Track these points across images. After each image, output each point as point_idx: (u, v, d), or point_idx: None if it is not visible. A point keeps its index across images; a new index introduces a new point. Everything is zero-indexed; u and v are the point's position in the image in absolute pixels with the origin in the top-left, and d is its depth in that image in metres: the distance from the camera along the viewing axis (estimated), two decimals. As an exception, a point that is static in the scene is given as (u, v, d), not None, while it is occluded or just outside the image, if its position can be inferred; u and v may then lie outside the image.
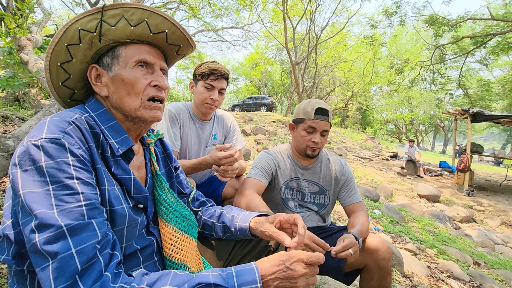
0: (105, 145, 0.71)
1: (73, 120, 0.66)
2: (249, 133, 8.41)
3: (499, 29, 9.59)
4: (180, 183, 1.02)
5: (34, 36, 4.33)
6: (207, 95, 1.61)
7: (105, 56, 0.76)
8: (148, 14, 0.73)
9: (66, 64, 0.74)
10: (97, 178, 0.67)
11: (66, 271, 0.53)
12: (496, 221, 5.69)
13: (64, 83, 0.77)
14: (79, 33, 0.70)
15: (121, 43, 0.75)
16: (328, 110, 1.44)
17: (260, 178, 1.41)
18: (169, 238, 0.82)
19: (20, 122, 3.30)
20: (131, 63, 0.74)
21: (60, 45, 0.71)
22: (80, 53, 0.73)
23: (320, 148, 1.46)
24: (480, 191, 8.45)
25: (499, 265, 3.25)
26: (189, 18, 15.50)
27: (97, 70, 0.76)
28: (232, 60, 37.31)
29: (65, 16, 17.91)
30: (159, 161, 0.94)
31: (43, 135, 0.60)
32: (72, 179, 0.59)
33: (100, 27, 0.71)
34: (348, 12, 17.53)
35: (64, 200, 0.57)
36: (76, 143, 0.63)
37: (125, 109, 0.75)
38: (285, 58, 25.52)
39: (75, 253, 0.54)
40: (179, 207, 0.89)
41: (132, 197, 0.75)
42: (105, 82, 0.75)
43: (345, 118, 29.75)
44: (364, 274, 1.30)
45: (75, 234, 0.55)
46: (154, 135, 0.93)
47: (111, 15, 0.71)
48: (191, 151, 1.73)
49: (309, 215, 1.52)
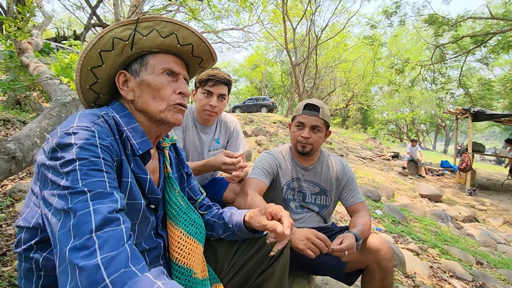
0: (127, 143, 0.75)
1: (102, 114, 0.72)
2: (250, 134, 8.41)
3: (499, 28, 9.58)
4: (191, 189, 1.04)
5: (35, 40, 4.35)
6: (205, 102, 1.60)
7: (133, 63, 0.81)
8: (178, 28, 0.80)
9: (96, 69, 0.79)
10: (121, 169, 0.71)
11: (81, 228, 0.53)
12: (498, 221, 5.66)
13: (91, 87, 0.82)
14: (113, 41, 0.76)
15: (150, 51, 0.81)
16: (319, 106, 1.43)
17: (261, 178, 1.41)
18: (177, 242, 0.83)
19: (22, 125, 3.31)
20: (158, 70, 0.80)
21: (93, 51, 0.76)
22: (110, 59, 0.79)
23: (311, 144, 1.44)
24: (482, 191, 8.41)
25: (502, 265, 3.23)
26: (189, 20, 15.54)
27: (125, 75, 0.81)
28: (232, 62, 37.33)
29: (66, 19, 17.99)
30: (172, 165, 0.96)
31: (75, 124, 0.65)
32: (99, 158, 0.63)
33: (133, 37, 0.77)
34: (348, 13, 17.56)
35: (89, 174, 0.60)
36: (105, 132, 0.68)
37: (150, 111, 0.79)
38: (286, 59, 25.55)
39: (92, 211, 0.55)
40: (189, 210, 0.90)
41: (146, 196, 0.78)
42: (131, 87, 0.80)
43: (346, 119, 29.72)
44: (365, 274, 1.29)
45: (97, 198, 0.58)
46: (169, 139, 0.96)
47: (144, 26, 0.77)
48: (193, 155, 1.73)
49: (310, 216, 1.52)
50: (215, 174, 1.95)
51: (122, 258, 0.53)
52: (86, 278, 0.49)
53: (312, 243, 1.10)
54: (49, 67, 3.79)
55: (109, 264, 0.51)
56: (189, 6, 13.76)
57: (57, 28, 11.51)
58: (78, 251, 0.51)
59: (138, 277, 0.52)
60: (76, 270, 0.50)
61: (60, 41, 9.93)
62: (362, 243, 1.27)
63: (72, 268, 0.50)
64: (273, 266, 0.98)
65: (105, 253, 0.52)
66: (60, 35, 10.35)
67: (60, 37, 10.27)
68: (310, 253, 1.09)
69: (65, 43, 7.93)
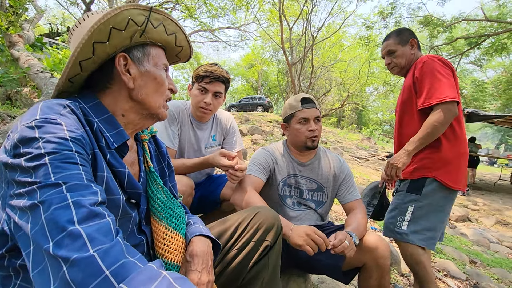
0: (99, 135, 0.70)
1: (67, 104, 0.65)
2: (246, 133, 8.38)
3: (492, 30, 9.70)
4: (174, 187, 1.01)
5: (26, 33, 4.25)
6: (200, 98, 1.57)
7: (135, 49, 0.77)
8: (178, 30, 0.82)
9: (98, 44, 0.72)
10: (95, 163, 0.65)
11: (60, 222, 0.48)
12: (491, 220, 5.73)
13: (82, 61, 0.75)
14: (128, 22, 0.72)
15: (153, 43, 0.80)
16: (312, 98, 1.45)
17: (258, 174, 1.39)
18: (162, 238, 0.79)
19: (12, 121, 3.24)
20: (161, 65, 0.81)
21: (105, 25, 0.69)
22: (117, 39, 0.73)
23: (318, 136, 1.45)
24: (475, 191, 8.52)
25: (495, 264, 3.25)
26: (185, 18, 15.43)
27: (126, 59, 0.75)
28: (228, 61, 37.31)
29: (60, 15, 17.73)
30: (153, 158, 0.92)
31: (37, 117, 0.58)
32: (71, 151, 0.56)
33: (146, 24, 0.75)
34: (344, 13, 17.62)
35: (62, 167, 0.53)
36: (73, 124, 0.61)
37: (150, 105, 0.78)
38: (282, 59, 25.53)
39: (72, 204, 0.49)
40: (173, 204, 0.86)
41: (126, 191, 0.73)
42: (134, 75, 0.76)
43: (341, 119, 29.87)
44: (362, 273, 1.28)
45: (74, 190, 0.52)
46: (148, 131, 0.91)
47: (155, 17, 0.76)
48: (189, 151, 1.70)
49: (307, 214, 1.50)
50: (212, 171, 1.92)
51: (117, 250, 0.49)
52: (81, 271, 0.44)
53: (311, 240, 1.08)
54: (41, 62, 3.71)
55: (105, 256, 0.47)
56: (185, 4, 13.68)
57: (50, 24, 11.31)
58: (65, 246, 0.46)
59: (142, 267, 0.49)
60: (64, 267, 0.45)
61: (54, 37, 9.76)
62: (359, 241, 1.25)
63: (57, 265, 0.45)
64: (267, 256, 0.95)
65: (97, 246, 0.47)
66: (53, 31, 10.17)
67: (53, 33, 10.09)
68: (309, 249, 1.07)
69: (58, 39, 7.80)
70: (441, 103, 1.45)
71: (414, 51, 1.72)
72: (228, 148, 1.82)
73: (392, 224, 1.64)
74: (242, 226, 0.97)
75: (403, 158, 1.53)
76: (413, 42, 1.72)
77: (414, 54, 1.71)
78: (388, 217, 1.69)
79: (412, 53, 1.71)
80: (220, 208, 1.69)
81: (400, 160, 1.53)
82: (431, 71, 1.51)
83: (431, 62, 1.53)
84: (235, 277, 0.95)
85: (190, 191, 1.48)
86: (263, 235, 0.95)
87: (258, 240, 0.95)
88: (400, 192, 1.66)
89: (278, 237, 0.99)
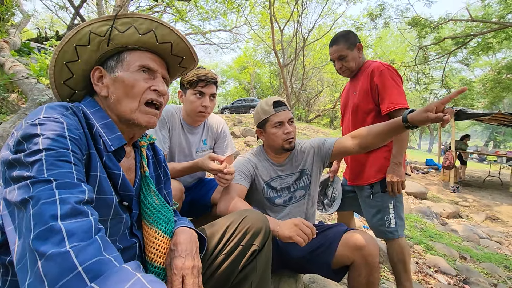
0: (98, 138, 0.72)
1: (70, 106, 0.69)
2: (239, 135, 8.38)
3: (478, 30, 9.94)
4: (169, 194, 1.02)
5: (12, 39, 4.18)
6: (198, 103, 1.57)
7: (110, 59, 0.79)
8: (156, 25, 0.79)
9: (71, 64, 0.77)
10: (90, 163, 0.67)
11: (44, 217, 0.49)
12: (480, 216, 5.84)
13: (66, 82, 0.80)
14: (89, 36, 0.75)
15: (126, 48, 0.80)
16: (283, 100, 1.48)
17: (240, 181, 1.40)
18: (152, 242, 0.80)
19: (-2, 128, 3.18)
20: (134, 67, 0.78)
21: (69, 45, 0.75)
22: (86, 54, 0.77)
23: (294, 137, 1.47)
24: (465, 187, 8.67)
25: (485, 259, 3.32)
26: (176, 21, 15.40)
27: (100, 71, 0.79)
28: (220, 63, 37.29)
29: (48, 20, 17.49)
30: (150, 165, 0.93)
31: (41, 115, 0.62)
32: (68, 150, 0.59)
33: (110, 33, 0.75)
34: (334, 15, 17.84)
35: (56, 164, 0.56)
36: (74, 125, 0.65)
37: (121, 109, 0.77)
38: (274, 61, 25.66)
39: (58, 200, 0.51)
40: (164, 209, 0.87)
41: (119, 192, 0.75)
42: (106, 83, 0.78)
43: (334, 119, 30.05)
44: (352, 271, 1.29)
45: (63, 188, 0.54)
46: (147, 138, 0.93)
47: (122, 22, 0.76)
48: (180, 156, 1.69)
49: (296, 206, 1.52)
50: (203, 174, 1.92)
51: (94, 247, 0.49)
52: (55, 266, 0.45)
53: (300, 230, 1.09)
54: (28, 68, 3.65)
55: (80, 253, 0.47)
56: (175, 7, 13.64)
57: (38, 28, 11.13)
58: (43, 240, 0.47)
59: (117, 267, 0.49)
60: (39, 261, 0.45)
61: (42, 41, 9.61)
62: (348, 237, 1.28)
63: (34, 260, 0.46)
64: (255, 260, 0.96)
65: (74, 243, 0.47)
66: (41, 35, 10.01)
67: (41, 37, 9.93)
68: (300, 239, 1.07)
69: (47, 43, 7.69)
70: (400, 109, 1.62)
71: (361, 54, 1.86)
72: (219, 152, 1.82)
73: (382, 226, 1.72)
74: (230, 231, 0.98)
75: (400, 170, 1.68)
76: (359, 46, 1.84)
77: (360, 57, 1.86)
78: (375, 220, 1.76)
79: (360, 56, 1.85)
80: (211, 212, 1.69)
81: (400, 174, 1.68)
82: (390, 80, 1.68)
83: (388, 71, 1.70)
84: (224, 280, 0.96)
85: (180, 195, 1.48)
86: (251, 239, 0.96)
87: (246, 244, 0.95)
88: (376, 195, 1.76)
89: (267, 241, 0.99)
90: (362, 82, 1.80)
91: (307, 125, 16.22)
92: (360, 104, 1.80)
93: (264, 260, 1.00)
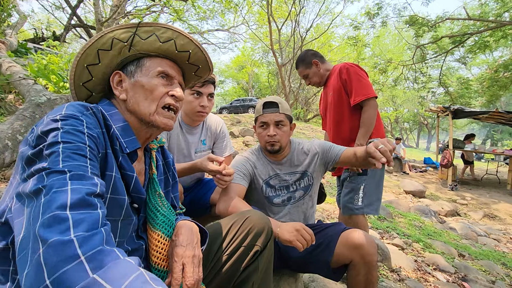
0: (114, 139, 0.75)
1: (91, 106, 0.72)
2: (237, 135, 8.37)
3: (475, 29, 9.95)
4: (176, 198, 1.02)
5: (9, 39, 4.16)
6: (196, 103, 1.57)
7: (130, 64, 0.83)
8: (177, 35, 0.83)
9: (92, 67, 0.81)
10: (105, 163, 0.69)
11: (54, 205, 0.49)
12: (478, 214, 5.87)
13: (85, 84, 0.83)
14: (112, 41, 0.79)
15: (146, 55, 0.83)
16: (277, 102, 1.45)
17: (239, 181, 1.40)
18: (155, 245, 0.81)
19: (-4, 129, 3.17)
20: (154, 73, 0.81)
21: (91, 49, 0.79)
22: (107, 59, 0.81)
23: (279, 141, 1.44)
24: (463, 186, 8.70)
25: (483, 256, 3.34)
26: (173, 21, 15.34)
27: (120, 76, 0.82)
28: (218, 63, 37.14)
29: (45, 20, 17.40)
30: (158, 168, 0.94)
31: (63, 112, 0.64)
32: (85, 144, 0.61)
33: (132, 39, 0.79)
34: (332, 14, 17.85)
35: (71, 157, 0.57)
36: (92, 124, 0.68)
37: (141, 112, 0.80)
38: (272, 60, 25.64)
39: (69, 190, 0.52)
40: (168, 212, 0.87)
41: (130, 194, 0.76)
42: (125, 87, 0.81)
43: (332, 118, 30.11)
44: (350, 270, 1.30)
45: (76, 179, 0.55)
46: (157, 141, 0.95)
47: (144, 30, 0.80)
48: (178, 156, 1.69)
49: (295, 206, 1.52)
50: (203, 175, 1.91)
51: (98, 238, 0.49)
52: (56, 254, 0.43)
53: (301, 235, 1.10)
54: (25, 68, 3.63)
55: (84, 242, 0.46)
56: (173, 6, 13.58)
57: (35, 29, 11.06)
58: (48, 228, 0.46)
59: (120, 259, 0.48)
60: (41, 248, 0.44)
61: (39, 42, 9.57)
62: (346, 236, 1.29)
63: (36, 248, 0.45)
64: (257, 260, 0.97)
65: (79, 232, 0.47)
66: (38, 36, 9.96)
67: (38, 38, 9.88)
68: (299, 245, 1.08)
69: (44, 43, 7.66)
70: (368, 99, 1.90)
71: (320, 67, 2.16)
72: (218, 152, 1.82)
73: (350, 203, 1.95)
74: (232, 231, 0.98)
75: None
76: (315, 62, 2.16)
77: (322, 68, 2.16)
78: (346, 198, 1.98)
79: (319, 69, 2.16)
80: (210, 213, 1.69)
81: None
82: (355, 74, 1.94)
83: (353, 68, 1.97)
84: (227, 281, 0.96)
85: (179, 195, 1.48)
86: (253, 240, 0.97)
87: (248, 245, 0.96)
88: (352, 178, 1.97)
89: (269, 241, 1.00)
90: (333, 83, 2.06)
91: (306, 125, 16.23)
92: (336, 100, 2.05)
93: (266, 261, 1.01)
